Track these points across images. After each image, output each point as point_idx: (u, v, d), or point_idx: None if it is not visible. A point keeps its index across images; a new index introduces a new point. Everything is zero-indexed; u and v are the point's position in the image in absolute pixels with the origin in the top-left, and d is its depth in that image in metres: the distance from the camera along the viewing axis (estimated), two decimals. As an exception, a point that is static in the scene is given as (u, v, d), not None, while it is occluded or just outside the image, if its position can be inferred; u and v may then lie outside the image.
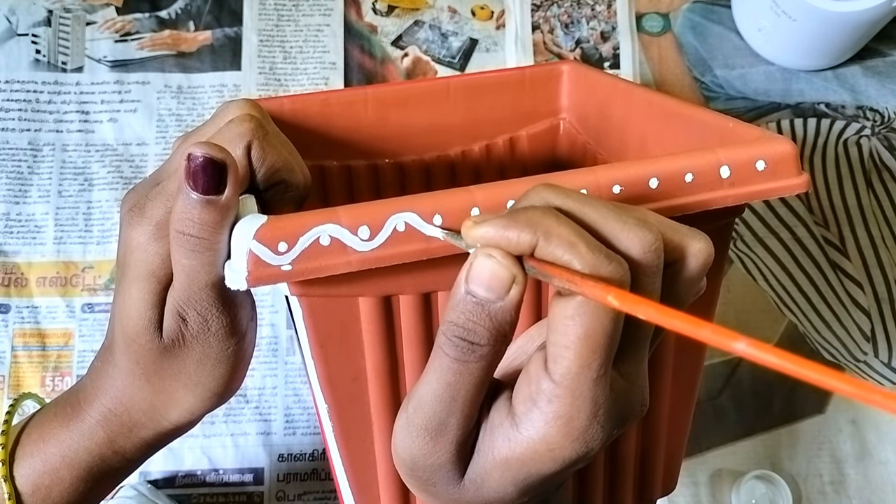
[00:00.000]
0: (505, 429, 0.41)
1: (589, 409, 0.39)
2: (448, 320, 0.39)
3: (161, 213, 0.47)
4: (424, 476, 0.43)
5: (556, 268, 0.37)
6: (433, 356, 0.41)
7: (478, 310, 0.38)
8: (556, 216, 0.38)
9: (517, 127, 0.76)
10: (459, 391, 0.40)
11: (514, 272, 0.38)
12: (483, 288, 0.38)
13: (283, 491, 0.88)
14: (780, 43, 1.00)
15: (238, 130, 0.48)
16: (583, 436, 0.40)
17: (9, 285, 0.92)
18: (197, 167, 0.43)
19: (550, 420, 0.39)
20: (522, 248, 0.38)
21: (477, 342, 0.39)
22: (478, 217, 0.39)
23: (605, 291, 0.35)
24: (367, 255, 0.43)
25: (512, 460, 0.41)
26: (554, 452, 0.40)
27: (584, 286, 0.36)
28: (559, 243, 0.37)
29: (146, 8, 1.01)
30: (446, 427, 0.41)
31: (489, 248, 0.38)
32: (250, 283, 0.42)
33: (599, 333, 0.38)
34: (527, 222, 0.38)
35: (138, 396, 0.52)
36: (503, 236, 0.38)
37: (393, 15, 1.02)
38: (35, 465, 0.53)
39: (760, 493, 0.88)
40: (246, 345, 0.52)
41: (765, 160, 0.48)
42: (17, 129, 0.96)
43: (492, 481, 0.42)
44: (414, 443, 0.42)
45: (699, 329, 0.31)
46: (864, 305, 0.95)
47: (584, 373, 0.38)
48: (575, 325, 0.38)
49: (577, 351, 0.38)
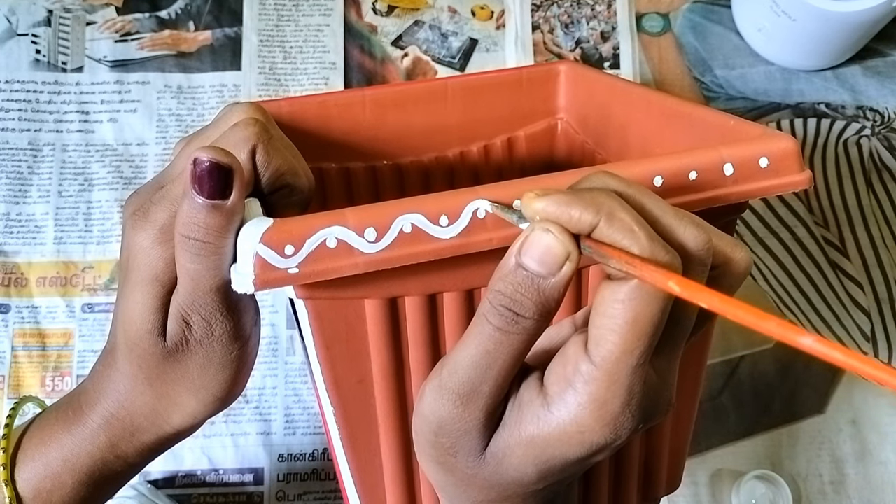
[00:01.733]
0: (535, 407, 0.41)
1: (624, 396, 0.40)
2: (495, 289, 0.39)
3: (165, 217, 0.47)
4: (448, 443, 0.43)
5: (615, 249, 0.37)
6: (474, 323, 0.41)
7: (527, 282, 0.39)
8: (619, 200, 0.39)
9: (515, 127, 0.76)
10: (496, 360, 0.40)
11: (569, 249, 0.38)
12: (535, 261, 0.38)
13: (283, 491, 0.88)
14: (780, 43, 1.00)
15: (243, 134, 0.48)
16: (614, 422, 0.40)
17: (9, 285, 0.92)
18: (203, 172, 0.43)
19: (585, 402, 0.40)
20: (582, 227, 0.38)
21: (522, 314, 0.39)
22: (540, 190, 0.39)
23: (667, 277, 0.35)
24: (373, 257, 0.43)
25: (538, 439, 0.41)
26: (583, 435, 0.40)
27: (644, 270, 0.36)
28: (620, 227, 0.38)
29: (146, 8, 1.01)
30: (478, 394, 0.41)
31: (547, 223, 0.38)
32: (257, 286, 0.42)
33: (647, 320, 0.38)
34: (591, 202, 0.38)
35: (141, 401, 0.51)
36: (565, 212, 0.38)
37: (393, 15, 1.02)
38: (36, 469, 0.53)
39: (760, 493, 0.88)
40: (249, 349, 0.52)
41: (767, 157, 0.48)
42: (17, 129, 0.96)
43: (513, 458, 0.42)
44: (444, 406, 0.42)
45: (764, 322, 0.31)
46: (864, 305, 0.95)
47: (626, 358, 0.39)
48: (624, 308, 0.38)
49: (623, 335, 0.38)
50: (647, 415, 0.41)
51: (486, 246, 0.44)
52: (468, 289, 0.48)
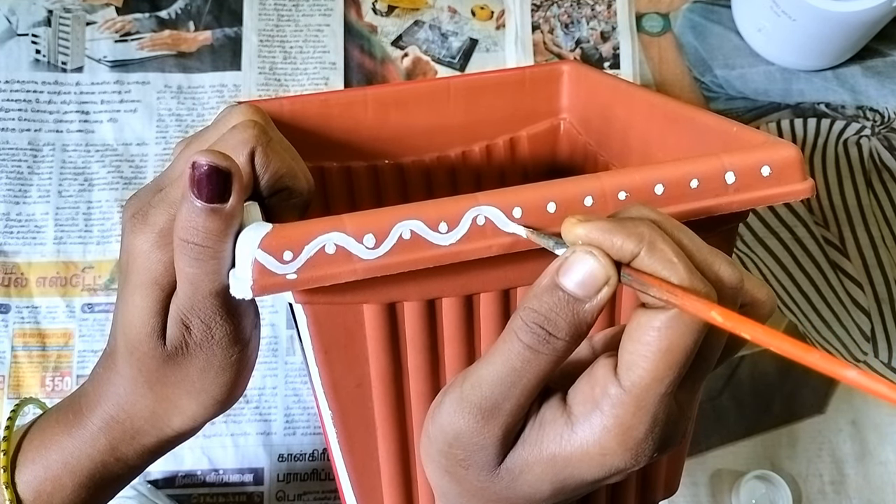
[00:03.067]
0: (558, 426, 0.41)
1: (649, 424, 0.40)
2: (528, 306, 0.40)
3: (164, 221, 0.47)
4: (461, 455, 0.43)
5: (656, 279, 0.38)
6: (503, 339, 0.41)
7: (562, 304, 0.39)
8: (660, 232, 0.39)
9: (517, 127, 0.75)
10: (522, 378, 0.40)
11: (610, 274, 0.38)
12: (574, 284, 0.39)
13: (283, 491, 0.88)
14: (780, 43, 1.00)
15: (241, 137, 0.48)
16: (636, 447, 0.40)
17: (9, 285, 0.92)
18: (202, 175, 0.42)
19: (610, 425, 0.40)
20: (623, 255, 0.38)
21: (555, 334, 0.39)
22: (582, 216, 0.40)
23: (709, 307, 0.35)
24: (372, 264, 0.43)
25: (559, 458, 0.41)
26: (605, 458, 0.40)
27: (686, 300, 0.36)
28: (661, 257, 0.38)
29: (146, 8, 1.01)
30: (500, 410, 0.41)
31: (590, 248, 0.39)
32: (256, 292, 0.42)
33: (680, 350, 0.38)
34: (633, 231, 0.38)
35: (141, 404, 0.51)
36: (608, 239, 0.39)
37: (393, 15, 1.02)
38: (37, 472, 0.53)
39: (760, 494, 0.88)
40: (249, 352, 0.52)
41: (770, 166, 0.48)
42: (17, 129, 0.96)
43: (530, 475, 0.42)
44: (463, 419, 0.42)
45: (807, 354, 0.32)
46: (864, 305, 0.95)
47: (655, 386, 0.39)
48: (660, 336, 0.38)
49: (655, 362, 0.38)
50: (663, 444, 0.41)
51: (485, 253, 0.44)
52: (467, 294, 0.48)
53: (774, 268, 0.96)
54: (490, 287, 0.49)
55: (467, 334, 0.50)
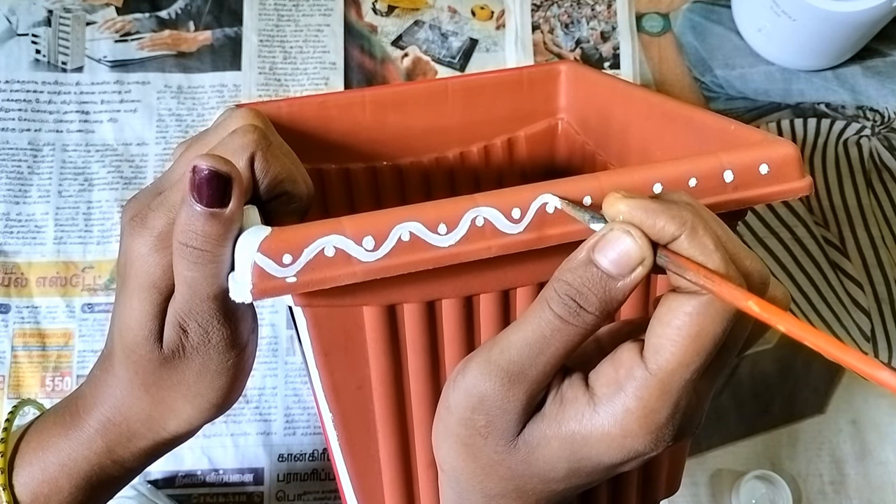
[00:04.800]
0: (580, 404, 0.42)
1: (671, 408, 0.40)
2: (562, 279, 0.40)
3: (163, 224, 0.47)
4: (483, 421, 0.43)
5: (694, 263, 0.38)
6: (535, 307, 0.41)
7: (595, 279, 0.39)
8: (702, 219, 0.39)
9: (515, 127, 0.75)
10: (550, 346, 0.41)
11: (646, 254, 0.39)
12: (609, 261, 0.39)
13: (283, 491, 0.88)
14: (780, 43, 1.00)
15: (242, 141, 0.48)
16: (657, 431, 0.41)
17: (9, 285, 0.92)
18: (202, 180, 0.43)
19: (633, 407, 0.40)
20: (663, 237, 0.39)
21: (585, 307, 0.40)
22: (626, 192, 0.40)
23: (746, 297, 0.36)
24: (371, 266, 0.43)
25: (578, 436, 0.42)
26: (625, 440, 0.41)
27: (723, 287, 0.37)
28: (700, 244, 0.38)
29: (146, 8, 1.01)
30: (525, 376, 0.42)
31: (628, 225, 0.39)
32: (255, 295, 0.42)
33: (710, 337, 0.39)
34: (676, 214, 0.39)
35: (137, 407, 0.51)
36: (650, 218, 0.39)
37: (393, 15, 1.02)
38: (34, 474, 0.53)
39: (760, 494, 0.88)
40: (246, 357, 0.52)
41: (768, 164, 0.48)
42: (17, 129, 0.96)
43: (547, 450, 0.43)
44: (490, 381, 0.42)
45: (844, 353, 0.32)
46: (864, 305, 0.95)
47: (681, 371, 0.39)
48: (690, 321, 0.39)
49: (684, 347, 0.39)
50: (681, 432, 0.42)
51: (484, 254, 0.44)
52: (466, 295, 0.48)
53: (774, 268, 0.96)
54: (489, 288, 0.49)
55: (467, 335, 0.50)
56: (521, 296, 0.50)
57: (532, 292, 0.50)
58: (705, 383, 0.43)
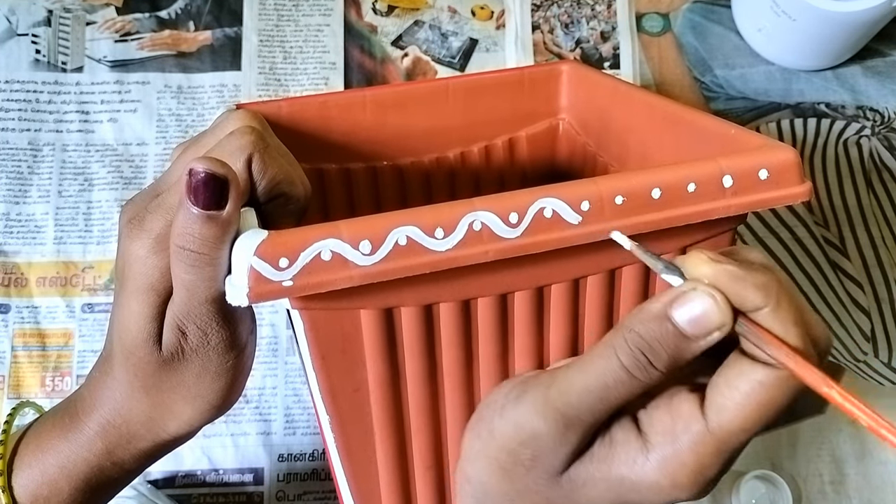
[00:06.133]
0: (631, 450, 0.42)
1: (722, 466, 0.41)
2: (634, 330, 0.40)
3: (161, 227, 0.47)
4: (528, 455, 0.43)
5: (775, 338, 0.38)
6: (599, 353, 0.41)
7: (669, 337, 0.39)
8: (787, 291, 0.39)
9: (516, 128, 0.75)
10: (611, 396, 0.41)
11: (727, 321, 0.38)
12: (687, 321, 0.39)
13: (283, 491, 0.88)
14: (780, 43, 1.00)
15: (239, 143, 0.48)
16: (704, 485, 0.41)
17: (9, 285, 0.92)
18: (198, 182, 0.43)
19: (687, 462, 0.40)
20: (744, 306, 0.38)
21: (654, 363, 0.40)
22: (713, 255, 0.39)
23: (826, 383, 0.36)
24: (368, 270, 0.43)
25: (626, 481, 0.42)
26: (673, 491, 0.41)
27: (804, 368, 0.37)
28: (784, 319, 0.38)
29: (146, 8, 1.01)
30: (581, 421, 0.42)
31: (713, 289, 0.38)
32: (251, 299, 0.42)
33: (776, 408, 0.39)
34: (762, 286, 0.38)
35: (137, 409, 0.52)
36: (734, 288, 0.38)
37: (393, 15, 1.02)
38: (33, 476, 0.53)
39: (760, 493, 0.88)
40: (245, 358, 0.52)
41: (767, 169, 0.48)
42: (17, 129, 0.96)
43: (593, 491, 0.43)
44: (544, 422, 0.42)
45: None
46: (864, 305, 0.95)
47: (741, 435, 0.40)
48: (763, 391, 0.39)
49: (749, 414, 0.39)
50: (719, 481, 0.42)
51: (481, 258, 0.44)
52: (464, 300, 0.48)
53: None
54: (487, 292, 0.49)
55: (465, 339, 0.50)
56: (518, 300, 0.50)
57: (529, 296, 0.50)
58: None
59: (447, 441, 0.54)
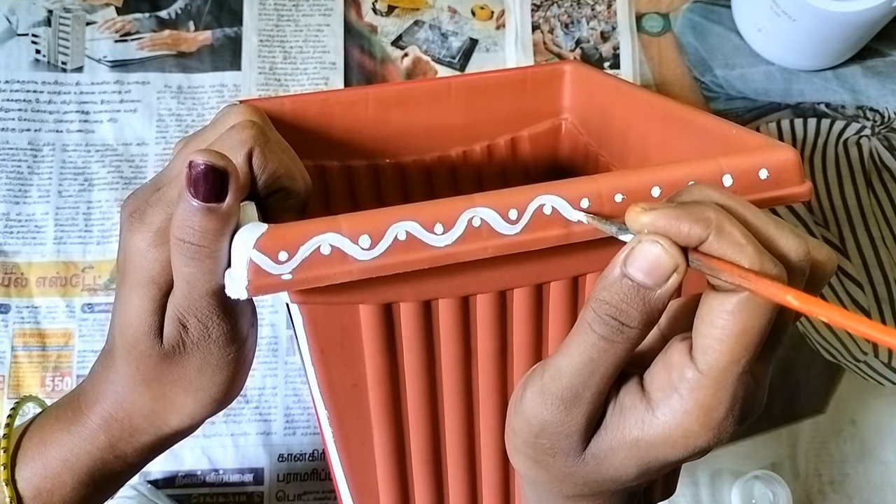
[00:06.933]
0: (638, 411, 0.42)
1: (729, 403, 0.41)
2: (599, 298, 0.40)
3: (161, 220, 0.47)
4: (548, 444, 0.44)
5: (726, 263, 0.38)
6: (577, 331, 0.42)
7: (632, 293, 0.39)
8: (726, 214, 0.39)
9: (519, 127, 0.75)
10: (599, 367, 0.41)
11: (678, 262, 0.39)
12: (643, 273, 0.39)
13: (283, 491, 0.88)
14: (780, 43, 1.00)
15: (239, 137, 0.48)
16: (718, 426, 0.41)
17: (9, 285, 0.92)
18: (198, 175, 0.43)
19: (691, 408, 0.41)
20: (691, 241, 0.39)
21: (627, 323, 0.40)
22: (646, 204, 0.40)
23: (783, 291, 0.36)
24: (367, 264, 0.43)
25: (642, 442, 0.42)
26: (688, 440, 0.41)
27: (759, 284, 0.37)
28: (730, 241, 0.38)
29: (146, 8, 1.01)
30: (581, 399, 0.42)
31: (655, 236, 0.39)
32: (251, 292, 0.42)
33: (755, 331, 0.39)
34: (699, 216, 0.39)
35: (139, 402, 0.52)
36: (674, 226, 0.39)
37: (393, 15, 1.02)
38: (36, 469, 0.53)
39: (760, 493, 0.88)
40: (246, 351, 0.52)
41: (767, 168, 0.48)
42: (17, 129, 0.96)
43: (615, 459, 0.43)
44: (548, 410, 0.43)
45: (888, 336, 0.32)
46: (864, 305, 0.95)
47: (732, 367, 0.40)
48: (733, 319, 0.39)
49: (731, 345, 0.39)
50: (743, 417, 0.42)
51: (480, 254, 0.44)
52: (463, 295, 0.48)
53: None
54: (486, 288, 0.49)
55: (463, 335, 0.50)
56: (517, 296, 0.50)
57: (528, 293, 0.50)
58: (761, 366, 0.43)
59: (444, 436, 0.54)
